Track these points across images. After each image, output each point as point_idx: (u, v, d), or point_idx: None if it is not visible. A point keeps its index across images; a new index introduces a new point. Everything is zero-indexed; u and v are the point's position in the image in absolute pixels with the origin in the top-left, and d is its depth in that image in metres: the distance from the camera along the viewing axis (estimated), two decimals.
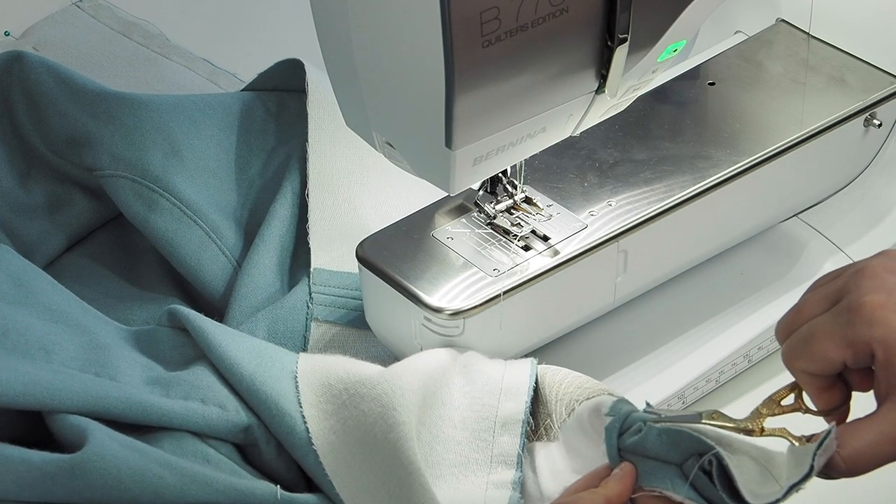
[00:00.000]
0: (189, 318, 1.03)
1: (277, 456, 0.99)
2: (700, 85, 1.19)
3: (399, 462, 0.94)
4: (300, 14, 1.04)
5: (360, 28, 0.92)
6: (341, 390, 0.98)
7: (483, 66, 0.89)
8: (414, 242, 1.06)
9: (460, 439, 0.97)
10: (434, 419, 0.98)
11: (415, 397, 0.96)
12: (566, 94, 0.96)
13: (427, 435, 0.97)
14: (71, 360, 0.99)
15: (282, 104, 1.26)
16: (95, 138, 1.18)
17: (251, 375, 0.99)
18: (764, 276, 1.16)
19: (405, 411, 0.95)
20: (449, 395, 0.98)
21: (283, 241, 1.16)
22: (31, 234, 1.19)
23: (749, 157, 1.11)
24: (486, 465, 0.96)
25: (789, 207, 1.17)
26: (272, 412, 0.98)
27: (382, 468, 0.95)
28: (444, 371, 0.99)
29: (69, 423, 0.95)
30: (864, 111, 1.15)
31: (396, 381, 0.97)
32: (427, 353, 1.01)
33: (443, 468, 0.96)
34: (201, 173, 1.19)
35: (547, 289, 1.04)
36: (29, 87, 1.20)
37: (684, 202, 1.08)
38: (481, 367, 1.00)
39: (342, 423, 0.97)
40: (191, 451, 0.97)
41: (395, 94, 0.94)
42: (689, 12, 0.97)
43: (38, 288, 1.06)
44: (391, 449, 0.94)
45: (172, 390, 0.98)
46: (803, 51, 1.21)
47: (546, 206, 1.07)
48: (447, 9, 0.85)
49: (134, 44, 1.46)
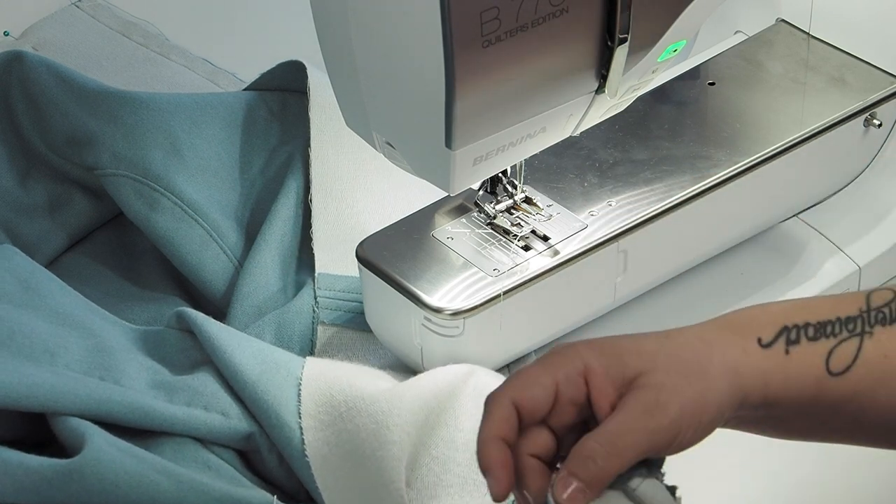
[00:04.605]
0: (196, 321, 1.03)
1: (279, 464, 0.99)
2: (700, 85, 1.19)
3: (381, 481, 0.94)
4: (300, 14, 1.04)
5: (360, 28, 0.92)
6: (341, 402, 0.97)
7: (483, 66, 0.89)
8: (414, 242, 1.06)
9: (460, 461, 0.96)
10: (436, 440, 0.97)
11: (414, 418, 0.96)
12: (566, 94, 0.96)
13: (426, 457, 0.97)
14: (76, 364, 0.99)
15: (284, 104, 1.25)
16: (96, 137, 1.18)
17: (254, 383, 0.99)
18: (764, 276, 1.16)
19: (399, 431, 0.95)
20: (454, 417, 0.98)
21: (285, 240, 1.16)
22: (31, 234, 1.19)
23: (749, 157, 1.11)
24: (483, 486, 0.96)
25: (789, 207, 1.17)
26: (272, 421, 0.98)
27: (366, 484, 0.95)
28: (453, 393, 0.98)
29: (69, 426, 0.95)
30: (864, 111, 1.15)
31: (396, 400, 0.96)
32: (439, 372, 1.00)
33: (438, 489, 0.96)
34: (203, 172, 1.19)
35: (547, 289, 1.04)
36: (29, 87, 1.20)
37: (684, 202, 1.08)
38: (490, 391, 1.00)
39: (336, 435, 0.97)
40: (192, 458, 0.97)
41: (395, 94, 0.94)
42: (689, 12, 0.97)
43: (45, 290, 1.06)
44: (377, 466, 0.94)
45: (176, 396, 0.98)
46: (803, 51, 1.21)
47: (546, 206, 1.07)
48: (447, 9, 0.85)
49: (133, 44, 1.46)
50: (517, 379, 0.81)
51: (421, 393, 0.97)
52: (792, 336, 0.82)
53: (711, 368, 0.80)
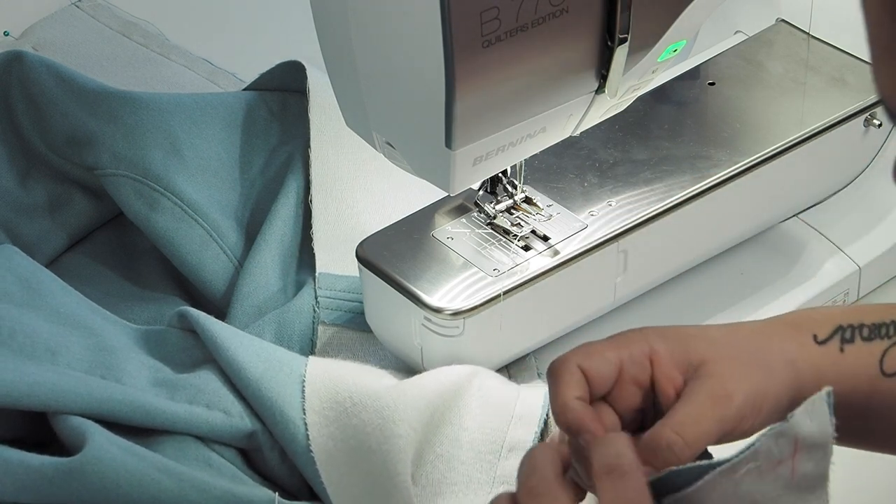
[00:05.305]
0: (199, 320, 1.03)
1: (281, 462, 0.99)
2: (700, 85, 1.19)
3: (387, 474, 0.94)
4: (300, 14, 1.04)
5: (360, 28, 0.92)
6: (345, 398, 0.97)
7: (483, 66, 0.89)
8: (414, 242, 1.06)
9: (465, 459, 0.97)
10: (440, 438, 0.97)
11: (419, 415, 0.96)
12: (566, 94, 0.96)
13: (431, 454, 0.97)
14: (77, 362, 0.99)
15: (284, 104, 1.26)
16: (96, 137, 1.18)
17: (257, 381, 0.99)
18: (764, 276, 1.16)
19: (405, 426, 0.95)
20: (459, 416, 0.98)
21: (285, 240, 1.16)
22: (31, 234, 1.19)
23: (749, 157, 1.11)
24: (488, 485, 0.96)
25: (789, 207, 1.17)
26: (276, 419, 0.98)
27: (372, 479, 0.95)
28: (458, 392, 0.98)
29: (70, 424, 0.95)
30: (864, 111, 1.15)
31: (402, 396, 0.96)
32: (441, 372, 1.01)
33: (443, 486, 0.96)
34: (203, 172, 1.19)
35: (547, 289, 1.04)
36: (29, 87, 1.20)
37: (684, 202, 1.08)
38: (494, 392, 1.00)
39: (341, 430, 0.97)
40: (193, 456, 0.97)
41: (395, 94, 0.94)
42: (689, 12, 0.97)
43: (46, 290, 1.06)
44: (382, 460, 0.94)
45: (178, 394, 0.98)
46: (803, 51, 1.21)
47: (546, 206, 1.07)
48: (447, 9, 0.85)
49: (133, 44, 1.46)
50: (583, 349, 0.81)
51: (425, 391, 0.98)
52: (847, 335, 0.83)
53: (772, 359, 0.81)
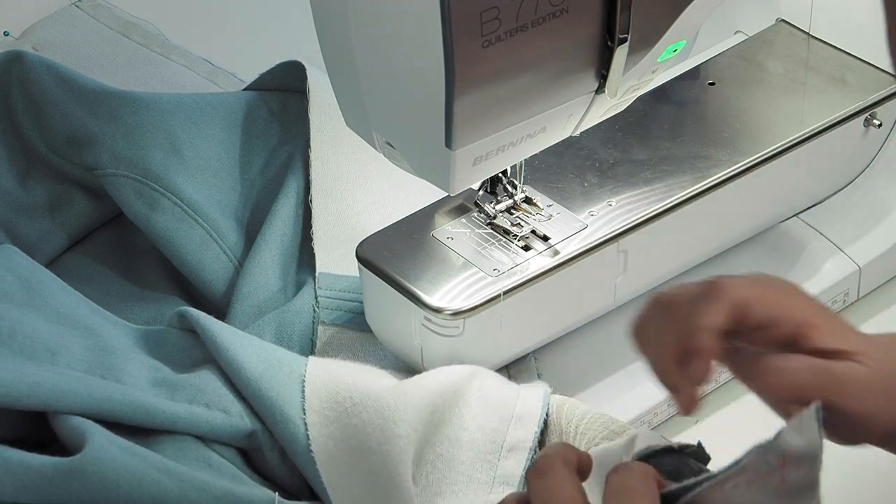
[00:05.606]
0: (199, 320, 1.03)
1: (281, 462, 0.99)
2: (700, 85, 1.19)
3: (388, 474, 0.94)
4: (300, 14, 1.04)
5: (360, 28, 0.92)
6: (346, 398, 0.97)
7: (483, 66, 0.89)
8: (414, 242, 1.06)
9: (464, 458, 0.97)
10: (440, 438, 0.97)
11: (420, 415, 0.96)
12: (566, 94, 0.96)
13: (431, 454, 0.97)
14: (77, 363, 0.99)
15: (284, 104, 1.26)
16: (96, 137, 1.18)
17: (257, 380, 0.99)
18: None
19: (405, 426, 0.95)
20: (459, 416, 0.98)
21: (285, 240, 1.16)
22: (31, 234, 1.19)
23: (749, 157, 1.11)
24: (487, 485, 0.96)
25: (789, 207, 1.18)
26: (276, 418, 0.98)
27: (372, 479, 0.95)
28: (458, 392, 0.99)
29: (70, 424, 0.95)
30: (864, 111, 1.15)
31: (402, 396, 0.97)
32: (441, 372, 1.01)
33: (443, 486, 0.96)
34: (203, 172, 1.19)
35: (547, 289, 1.04)
36: (29, 87, 1.20)
37: (684, 202, 1.08)
38: (494, 392, 1.00)
39: (342, 430, 0.97)
40: (193, 456, 0.97)
41: (395, 94, 0.94)
42: (690, 12, 0.97)
43: (46, 290, 1.06)
44: (383, 460, 0.94)
45: (178, 394, 0.98)
46: (803, 51, 1.21)
47: (546, 206, 1.07)
48: (447, 9, 0.85)
49: (133, 44, 1.46)
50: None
51: (425, 391, 0.98)
52: None
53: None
